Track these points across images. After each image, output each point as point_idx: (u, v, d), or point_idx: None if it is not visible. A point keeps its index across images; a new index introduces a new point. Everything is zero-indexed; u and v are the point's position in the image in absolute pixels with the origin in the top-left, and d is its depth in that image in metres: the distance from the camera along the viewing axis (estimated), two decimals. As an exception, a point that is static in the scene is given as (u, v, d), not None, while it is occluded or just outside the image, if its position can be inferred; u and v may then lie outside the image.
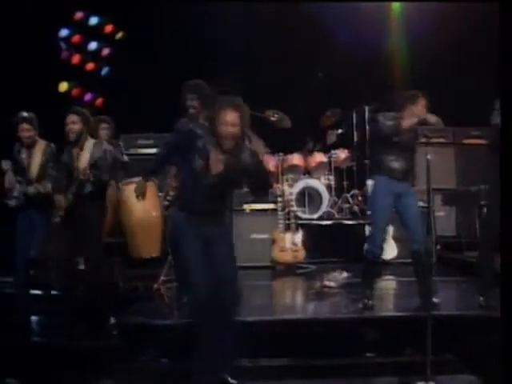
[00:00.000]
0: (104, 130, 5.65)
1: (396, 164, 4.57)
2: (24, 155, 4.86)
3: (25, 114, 4.83)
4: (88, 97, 8.14)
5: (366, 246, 4.66)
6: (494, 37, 7.26)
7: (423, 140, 4.94)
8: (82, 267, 5.07)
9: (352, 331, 4.13)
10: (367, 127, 7.38)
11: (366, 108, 7.42)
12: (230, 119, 3.43)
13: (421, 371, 3.49)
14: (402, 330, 4.09)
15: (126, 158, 5.93)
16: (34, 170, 4.81)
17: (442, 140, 7.09)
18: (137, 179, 5.61)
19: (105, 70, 8.21)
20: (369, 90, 7.41)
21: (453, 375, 3.66)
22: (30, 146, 4.85)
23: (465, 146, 7.23)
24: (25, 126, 4.79)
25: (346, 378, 3.76)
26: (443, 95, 7.28)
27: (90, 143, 4.67)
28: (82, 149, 4.64)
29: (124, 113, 6.56)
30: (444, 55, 7.52)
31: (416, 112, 4.56)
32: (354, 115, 7.60)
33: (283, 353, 3.97)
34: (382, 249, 4.70)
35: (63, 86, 8.00)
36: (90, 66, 8.16)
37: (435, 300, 4.27)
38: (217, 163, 3.49)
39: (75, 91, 8.07)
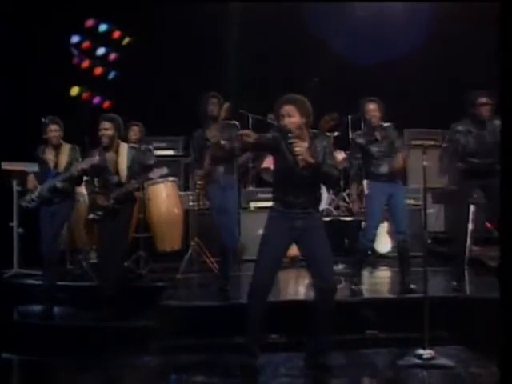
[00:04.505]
0: (132, 133, 6.07)
1: (381, 169, 5.13)
2: (50, 155, 5.27)
3: (52, 117, 5.31)
4: (96, 100, 8.51)
5: (359, 239, 5.28)
6: (483, 40, 7.82)
7: (418, 143, 5.54)
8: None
9: (354, 312, 4.72)
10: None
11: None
12: (285, 111, 3.76)
13: (416, 344, 4.10)
14: (398, 310, 4.75)
15: (152, 161, 6.26)
16: (62, 166, 5.24)
17: (432, 142, 7.65)
18: (161, 179, 6.15)
19: (112, 74, 8.54)
20: (365, 95, 7.92)
21: (444, 346, 4.27)
22: (57, 146, 5.28)
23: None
24: (54, 126, 5.25)
25: (352, 350, 4.37)
26: (432, 99, 7.88)
27: (124, 148, 5.08)
28: (117, 153, 5.04)
29: (131, 116, 6.95)
30: (433, 60, 7.96)
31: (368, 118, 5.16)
32: (350, 119, 8.16)
33: (290, 329, 4.51)
34: (373, 243, 5.34)
35: (74, 91, 8.36)
36: (99, 70, 8.48)
37: (412, 286, 4.99)
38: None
39: (85, 95, 8.40)
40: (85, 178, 5.40)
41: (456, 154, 5.19)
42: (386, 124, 5.25)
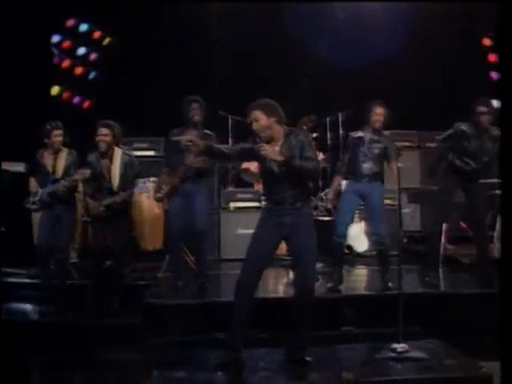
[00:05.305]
0: None
1: (363, 170, 5.24)
2: (49, 160, 5.33)
3: (55, 122, 5.34)
4: (77, 100, 8.51)
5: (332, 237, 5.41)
6: (461, 42, 7.96)
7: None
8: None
9: (331, 309, 4.88)
10: (340, 133, 8.07)
11: (340, 114, 8.11)
12: (253, 117, 3.92)
13: (391, 339, 4.24)
14: (374, 307, 4.93)
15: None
16: (60, 172, 5.31)
17: (407, 144, 7.82)
18: (142, 180, 6.21)
19: (92, 74, 8.56)
20: (343, 97, 8.09)
21: (418, 340, 4.42)
22: (57, 151, 5.34)
23: (428, 149, 7.74)
24: (58, 131, 5.29)
25: (329, 345, 4.50)
26: (410, 101, 8.03)
27: (118, 154, 5.13)
28: (111, 160, 5.11)
29: (110, 116, 6.99)
30: (412, 62, 8.15)
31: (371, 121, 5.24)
32: (328, 121, 8.28)
33: (270, 325, 4.58)
34: (344, 239, 5.43)
35: (55, 90, 8.36)
36: (79, 70, 8.51)
37: (390, 284, 5.12)
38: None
39: (65, 95, 8.42)
40: None
41: (451, 151, 5.32)
42: (386, 132, 5.38)
